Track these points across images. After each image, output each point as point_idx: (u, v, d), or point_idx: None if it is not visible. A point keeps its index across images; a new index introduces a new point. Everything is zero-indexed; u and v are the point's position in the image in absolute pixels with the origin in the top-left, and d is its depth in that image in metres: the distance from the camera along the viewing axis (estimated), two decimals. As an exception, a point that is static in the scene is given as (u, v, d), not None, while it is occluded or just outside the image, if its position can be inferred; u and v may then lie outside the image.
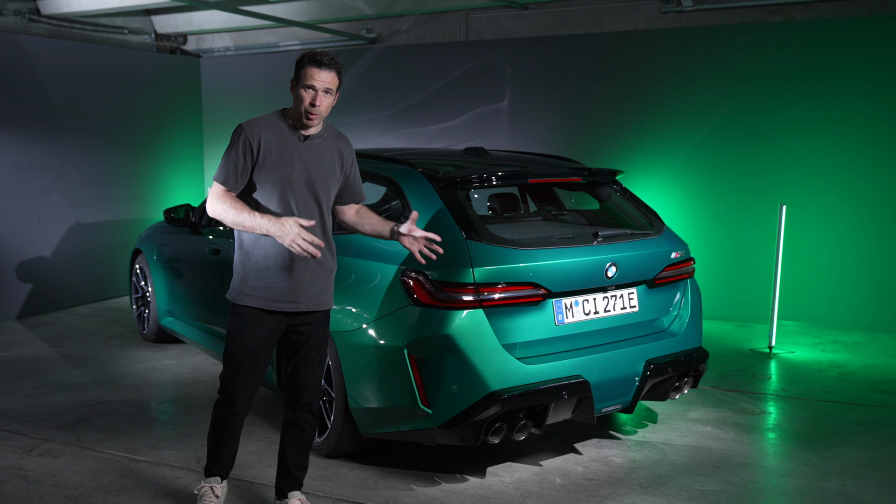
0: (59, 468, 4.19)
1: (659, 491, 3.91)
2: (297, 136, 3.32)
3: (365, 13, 8.84)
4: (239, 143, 3.28)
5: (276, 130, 3.31)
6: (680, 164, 7.70)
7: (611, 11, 8.22)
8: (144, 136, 9.16)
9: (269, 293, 3.34)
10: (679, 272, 4.43)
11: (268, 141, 3.28)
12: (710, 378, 5.69)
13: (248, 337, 3.38)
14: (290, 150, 3.30)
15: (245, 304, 3.37)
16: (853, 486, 3.98)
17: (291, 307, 3.37)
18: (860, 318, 7.11)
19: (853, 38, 7.00)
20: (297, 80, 3.25)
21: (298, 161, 3.31)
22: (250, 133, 3.27)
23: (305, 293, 3.38)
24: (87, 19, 9.08)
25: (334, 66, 3.24)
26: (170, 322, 6.36)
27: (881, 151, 6.97)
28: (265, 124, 3.31)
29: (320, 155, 3.37)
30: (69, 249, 8.31)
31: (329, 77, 3.23)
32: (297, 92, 3.25)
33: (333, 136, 3.46)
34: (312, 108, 3.23)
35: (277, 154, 3.29)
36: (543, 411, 3.85)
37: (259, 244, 3.33)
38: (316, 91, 3.22)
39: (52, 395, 5.39)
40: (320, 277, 3.42)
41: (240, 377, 3.41)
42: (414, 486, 3.96)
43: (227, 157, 3.29)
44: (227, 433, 3.53)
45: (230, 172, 3.27)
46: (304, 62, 3.24)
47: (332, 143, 3.43)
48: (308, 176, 3.33)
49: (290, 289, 3.34)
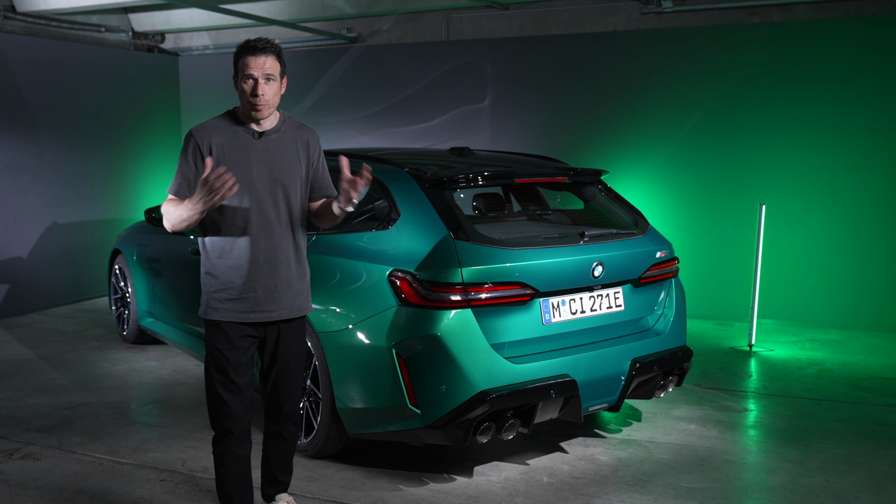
0: (42, 471, 4.13)
1: (645, 489, 3.94)
2: (252, 134, 3.15)
3: (345, 12, 8.81)
4: (189, 151, 3.11)
5: (227, 131, 3.14)
6: (660, 164, 7.76)
7: (591, 12, 8.26)
8: (122, 135, 9.07)
9: (240, 305, 3.16)
10: (664, 271, 4.47)
11: (220, 144, 3.10)
12: (692, 376, 5.74)
13: (227, 351, 3.19)
14: (244, 149, 3.13)
15: (215, 318, 3.18)
16: (835, 481, 4.03)
17: (264, 317, 3.20)
18: (838, 317, 7.20)
19: (830, 40, 7.09)
20: (236, 73, 3.10)
21: (256, 160, 3.14)
22: (199, 139, 3.10)
23: (278, 301, 3.20)
24: (64, 17, 8.97)
25: (271, 50, 3.07)
26: (150, 323, 6.30)
27: (858, 152, 7.07)
28: (214, 126, 3.15)
29: (280, 150, 3.19)
30: (46, 250, 8.20)
31: (267, 62, 3.05)
32: (239, 86, 3.09)
33: (294, 127, 3.27)
34: (255, 98, 3.05)
35: (232, 156, 3.11)
36: (531, 410, 3.86)
37: (223, 253, 3.16)
38: (256, 80, 3.05)
39: (31, 398, 5.32)
40: (292, 283, 3.24)
41: (231, 395, 3.21)
42: (402, 487, 3.95)
43: (179, 167, 3.12)
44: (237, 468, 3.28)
45: (183, 183, 3.11)
46: (238, 53, 3.09)
47: (292, 136, 3.24)
48: (269, 174, 3.15)
49: (260, 298, 3.17)
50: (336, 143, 8.95)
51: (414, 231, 3.92)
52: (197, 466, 4.20)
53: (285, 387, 3.36)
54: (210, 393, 3.25)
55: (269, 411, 3.44)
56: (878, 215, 7.04)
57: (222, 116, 3.20)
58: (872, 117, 7.00)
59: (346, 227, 4.29)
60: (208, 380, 3.24)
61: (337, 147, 7.85)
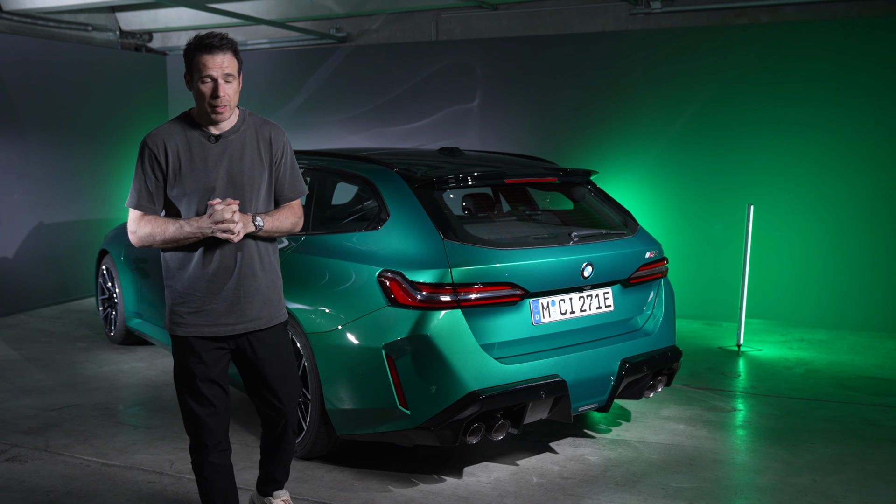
0: (28, 474, 4.10)
1: (635, 489, 3.95)
2: (208, 137, 2.98)
3: (334, 12, 8.79)
4: (144, 160, 2.95)
5: (181, 136, 2.97)
6: (649, 164, 7.78)
7: (580, 13, 8.27)
8: (110, 134, 9.01)
9: (202, 318, 3.01)
10: (653, 272, 4.48)
11: (175, 149, 2.94)
12: (680, 376, 5.75)
13: (194, 365, 3.05)
14: (202, 154, 2.96)
15: (178, 333, 3.04)
16: (823, 481, 4.05)
17: (228, 330, 3.04)
18: (825, 316, 7.24)
19: (818, 41, 7.12)
20: (191, 73, 2.90)
21: (214, 165, 2.96)
22: (154, 145, 2.94)
23: (242, 313, 3.04)
24: (50, 16, 8.91)
25: (228, 47, 2.89)
26: (137, 324, 6.26)
27: (846, 153, 7.11)
28: (168, 132, 2.97)
29: (239, 151, 3.01)
30: (32, 250, 8.14)
31: (226, 60, 2.87)
32: (196, 87, 2.89)
33: (255, 125, 3.08)
34: (216, 99, 2.88)
35: (188, 161, 2.94)
36: (521, 411, 3.86)
37: (183, 265, 3.01)
38: (215, 80, 2.87)
39: (17, 399, 5.28)
40: (257, 293, 3.07)
41: (203, 408, 3.08)
42: (391, 487, 3.95)
43: (135, 178, 2.96)
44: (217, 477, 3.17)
45: (142, 193, 2.95)
46: (191, 51, 2.88)
47: (252, 135, 3.05)
48: (229, 179, 2.97)
49: (222, 310, 3.02)
50: (325, 143, 8.94)
51: (403, 231, 3.91)
52: (185, 468, 4.17)
53: (281, 397, 3.22)
54: (182, 406, 3.14)
55: (267, 424, 3.30)
56: (865, 216, 7.08)
57: (176, 120, 3.03)
58: (860, 118, 7.04)
59: (335, 228, 4.27)
60: (179, 394, 3.13)
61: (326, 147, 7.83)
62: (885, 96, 6.94)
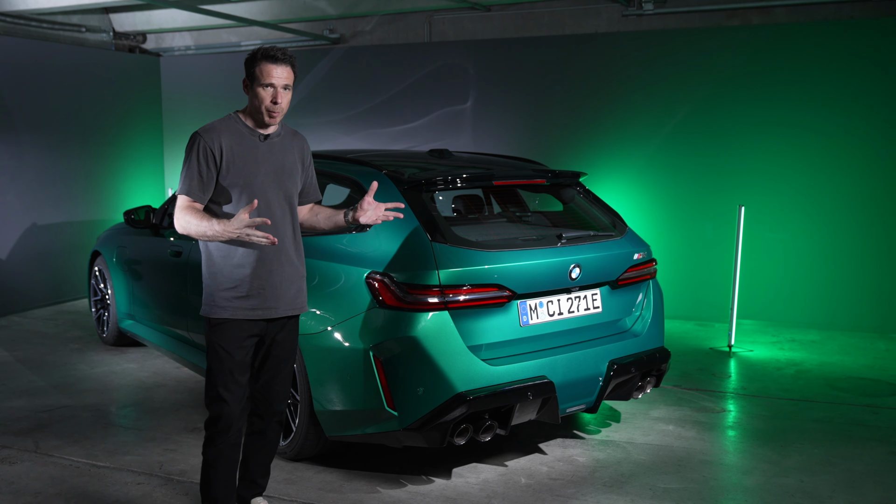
0: (17, 475, 4.11)
1: (622, 490, 3.96)
2: (258, 137, 3.24)
3: (328, 13, 8.80)
4: (199, 152, 3.15)
5: (234, 134, 3.21)
6: (641, 165, 7.79)
7: (573, 14, 8.29)
8: (103, 136, 9.02)
9: (245, 303, 3.21)
10: (641, 273, 4.49)
11: (229, 146, 3.17)
12: (671, 377, 5.77)
13: (233, 350, 3.22)
14: (252, 152, 3.21)
15: (221, 316, 3.21)
16: (811, 482, 4.06)
17: (269, 314, 3.25)
18: (816, 317, 7.26)
19: (809, 42, 7.15)
20: (253, 78, 3.16)
21: (263, 162, 3.22)
22: (209, 140, 3.16)
23: (281, 298, 3.27)
24: (44, 17, 8.91)
25: (289, 61, 3.16)
26: (130, 325, 6.27)
27: (837, 154, 7.13)
28: (223, 129, 3.20)
29: (283, 154, 3.29)
30: (25, 251, 8.14)
31: (286, 72, 3.15)
32: (255, 91, 3.15)
33: (290, 134, 3.38)
34: (274, 105, 3.15)
35: (241, 158, 3.18)
36: (509, 412, 3.87)
37: (228, 253, 3.20)
38: (275, 88, 3.14)
39: (8, 401, 5.28)
40: (294, 280, 3.32)
41: (231, 395, 3.22)
42: (380, 489, 3.96)
43: (188, 168, 3.16)
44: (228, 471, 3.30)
45: (195, 183, 3.15)
46: (257, 59, 3.14)
47: (290, 142, 3.35)
48: (275, 177, 3.24)
49: (267, 295, 3.23)
50: (318, 144, 8.94)
51: (391, 233, 3.93)
52: (174, 469, 4.18)
53: (277, 385, 3.39)
54: (212, 393, 3.25)
55: (257, 409, 3.43)
56: (856, 217, 7.10)
57: (227, 119, 3.25)
58: (851, 120, 7.06)
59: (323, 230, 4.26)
60: (211, 379, 3.24)
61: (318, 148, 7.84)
62: (875, 98, 6.97)
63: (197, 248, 5.21)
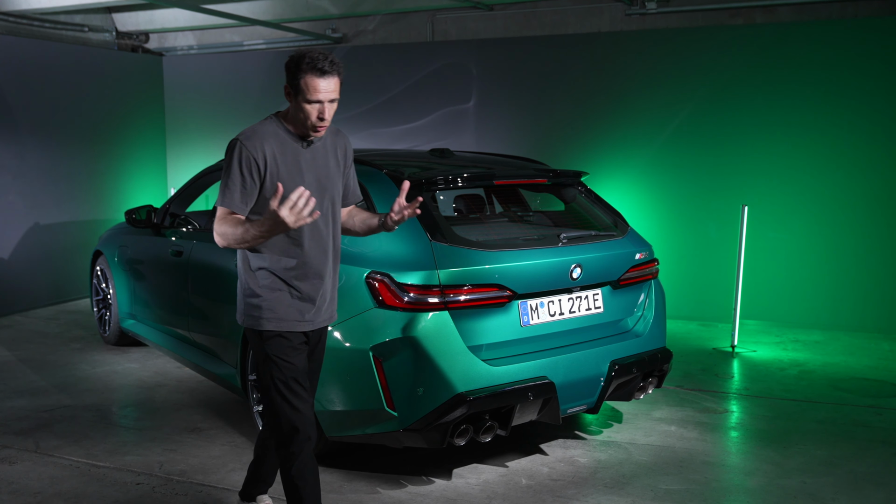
0: (17, 475, 4.10)
1: (624, 491, 3.94)
2: (301, 143, 3.01)
3: (330, 13, 8.79)
4: (241, 161, 2.90)
5: (277, 140, 2.97)
6: (643, 165, 7.77)
7: (576, 13, 8.26)
8: (105, 135, 9.02)
9: (290, 313, 3.05)
10: (643, 273, 4.47)
11: (271, 152, 2.93)
12: (673, 377, 5.75)
13: (293, 359, 3.06)
14: (295, 160, 2.99)
15: (266, 328, 3.05)
16: (813, 483, 4.04)
17: (311, 325, 3.11)
18: (820, 318, 7.23)
19: (813, 41, 7.11)
20: (297, 91, 2.88)
21: (307, 169, 3.01)
22: (252, 147, 2.90)
23: (320, 309, 3.13)
24: (47, 16, 8.91)
25: (336, 72, 2.87)
26: (131, 325, 6.27)
27: (841, 154, 7.09)
28: (265, 134, 2.96)
29: (324, 158, 3.09)
30: (27, 251, 8.15)
31: (334, 84, 2.88)
32: (300, 104, 2.89)
33: (331, 133, 3.15)
34: (321, 122, 2.91)
35: (284, 165, 2.96)
36: (509, 413, 3.86)
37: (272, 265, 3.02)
38: (322, 103, 2.88)
39: (10, 401, 5.28)
40: (332, 290, 3.18)
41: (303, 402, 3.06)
42: (380, 489, 3.94)
43: (229, 179, 2.91)
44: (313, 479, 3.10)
45: (236, 195, 2.91)
46: (302, 70, 2.84)
47: (331, 143, 3.13)
48: (319, 183, 3.04)
49: (305, 307, 3.07)
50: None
51: (392, 233, 3.90)
52: (174, 469, 4.17)
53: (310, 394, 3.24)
54: (278, 406, 3.06)
55: None
56: (860, 216, 7.07)
57: (267, 123, 3.01)
58: (855, 119, 7.02)
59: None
60: (275, 392, 3.05)
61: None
62: (879, 97, 6.93)
63: (198, 248, 5.20)
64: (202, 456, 4.35)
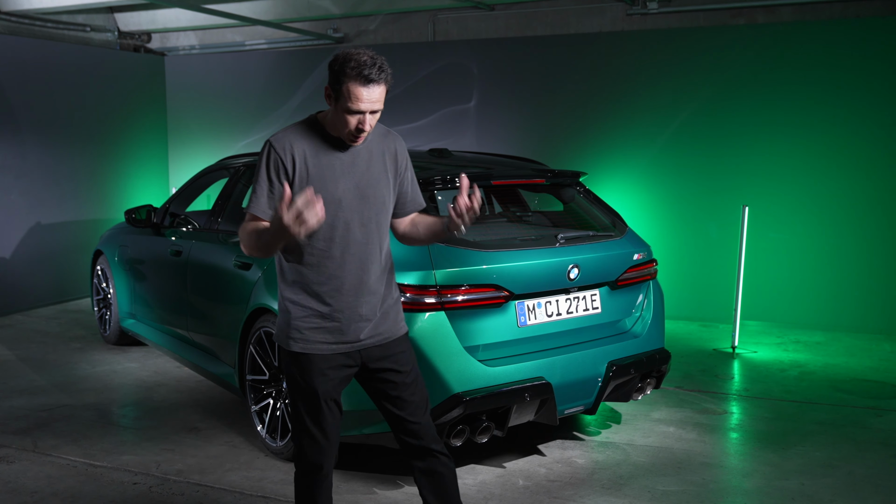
0: (14, 474, 4.10)
1: (621, 492, 3.93)
2: (339, 146, 2.75)
3: (331, 12, 8.79)
4: (270, 164, 2.69)
5: (311, 141, 2.72)
6: (644, 165, 7.75)
7: (577, 13, 8.25)
8: (107, 135, 9.03)
9: (323, 335, 2.78)
10: (641, 273, 4.45)
11: (301, 154, 2.69)
12: (673, 378, 5.73)
13: (316, 384, 2.78)
14: (330, 165, 2.72)
15: (294, 349, 2.79)
16: (811, 485, 4.02)
17: (349, 347, 2.80)
18: (821, 318, 7.20)
19: (815, 41, 7.09)
20: (338, 96, 2.61)
21: (343, 175, 2.72)
22: (280, 148, 2.68)
23: (363, 329, 2.80)
24: (49, 16, 8.93)
25: (384, 80, 2.61)
26: (131, 324, 6.27)
27: (842, 154, 7.07)
28: (297, 135, 2.72)
29: (366, 162, 2.78)
30: (29, 250, 8.16)
31: (378, 93, 2.60)
32: (339, 111, 2.63)
33: (380, 135, 2.84)
34: (360, 133, 2.65)
35: (317, 169, 2.70)
36: (506, 413, 3.85)
37: (304, 278, 2.77)
38: (364, 114, 2.61)
39: (9, 400, 5.29)
40: (379, 306, 2.84)
41: (318, 434, 2.82)
42: (376, 490, 3.94)
43: (257, 182, 2.70)
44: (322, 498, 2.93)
45: (262, 200, 2.68)
46: (346, 75, 2.57)
47: (378, 146, 2.82)
48: (358, 189, 2.74)
49: (344, 327, 2.78)
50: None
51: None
52: (171, 469, 4.17)
53: (411, 416, 2.90)
54: (298, 435, 2.86)
55: (408, 450, 2.97)
56: (861, 217, 7.04)
57: (303, 124, 2.77)
58: (856, 119, 7.00)
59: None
60: (296, 420, 2.85)
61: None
62: (881, 97, 6.91)
63: (197, 248, 5.21)
64: (199, 456, 4.36)
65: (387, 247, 2.88)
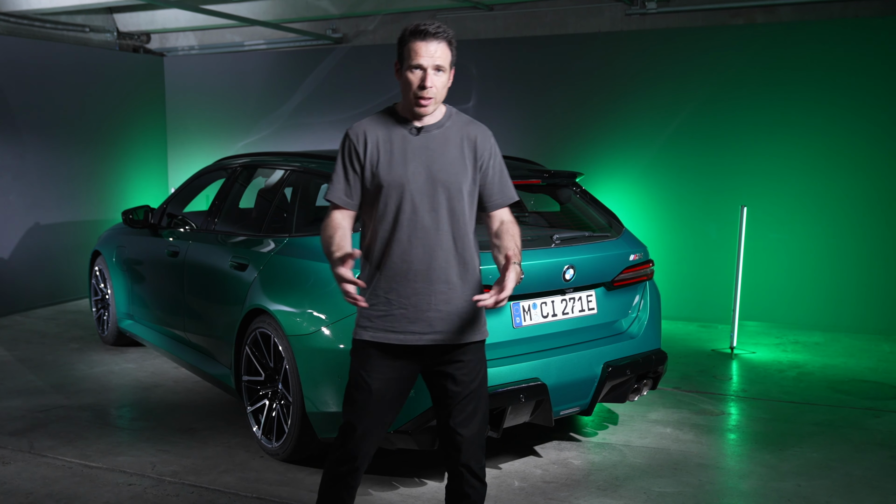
0: (10, 475, 4.10)
1: (617, 493, 3.92)
2: (410, 129, 2.78)
3: (330, 13, 8.78)
4: (344, 151, 2.79)
5: (383, 126, 2.79)
6: (643, 165, 7.74)
7: (575, 13, 8.24)
8: (106, 136, 9.03)
9: (386, 322, 2.75)
10: (638, 274, 4.44)
11: (374, 139, 2.76)
12: (671, 379, 5.72)
13: (371, 377, 2.77)
14: (401, 146, 2.76)
15: (362, 337, 2.78)
16: (808, 486, 4.01)
17: (414, 339, 2.75)
18: (820, 319, 7.19)
19: (814, 41, 7.08)
20: (401, 60, 2.72)
21: (413, 158, 2.75)
22: (354, 136, 2.78)
23: (431, 323, 2.75)
24: (47, 17, 8.93)
25: (443, 36, 2.69)
26: (129, 325, 6.27)
27: (841, 154, 7.06)
28: (372, 122, 2.81)
29: (441, 147, 2.78)
30: (27, 251, 8.16)
31: (438, 50, 2.67)
32: (403, 76, 2.71)
33: (461, 123, 2.87)
34: (423, 90, 2.69)
35: (387, 153, 2.75)
36: (501, 415, 3.83)
37: (371, 261, 2.79)
38: (425, 70, 2.68)
39: (5, 401, 5.29)
40: (453, 302, 2.77)
41: (361, 428, 2.80)
42: (371, 491, 3.93)
43: (335, 171, 2.81)
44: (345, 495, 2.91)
45: (339, 185, 2.79)
46: (405, 38, 2.70)
47: (457, 132, 2.83)
48: (427, 174, 2.74)
49: (409, 316, 2.74)
50: (321, 144, 8.93)
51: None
52: (167, 470, 4.17)
53: (459, 425, 2.83)
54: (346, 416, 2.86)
55: (445, 458, 2.92)
56: (860, 217, 7.03)
57: (380, 113, 2.86)
58: (855, 119, 6.99)
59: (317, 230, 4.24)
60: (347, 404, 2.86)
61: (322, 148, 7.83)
62: (880, 97, 6.89)
63: (194, 248, 5.21)
64: (195, 457, 4.35)
65: (467, 239, 2.81)
